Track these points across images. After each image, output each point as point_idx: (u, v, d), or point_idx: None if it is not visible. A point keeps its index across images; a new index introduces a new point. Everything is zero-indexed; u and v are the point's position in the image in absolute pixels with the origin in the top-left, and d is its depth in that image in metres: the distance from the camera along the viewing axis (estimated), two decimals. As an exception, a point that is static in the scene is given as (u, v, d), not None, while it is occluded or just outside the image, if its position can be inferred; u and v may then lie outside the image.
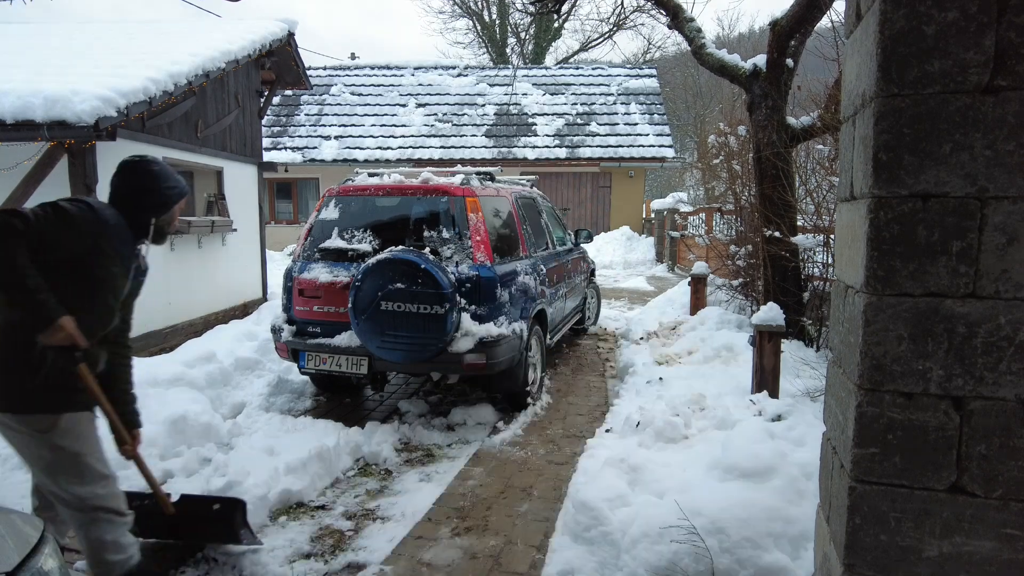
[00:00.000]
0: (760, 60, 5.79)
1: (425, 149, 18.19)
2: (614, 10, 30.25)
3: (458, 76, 21.15)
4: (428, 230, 4.92)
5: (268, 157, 13.70)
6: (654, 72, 21.63)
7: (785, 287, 5.67)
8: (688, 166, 24.88)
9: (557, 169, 18.43)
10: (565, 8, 8.44)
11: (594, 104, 19.72)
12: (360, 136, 18.69)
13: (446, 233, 4.89)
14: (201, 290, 8.11)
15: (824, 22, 5.65)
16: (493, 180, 5.84)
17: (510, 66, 22.99)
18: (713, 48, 6.25)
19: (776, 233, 5.55)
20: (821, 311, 5.59)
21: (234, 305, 8.87)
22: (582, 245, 7.86)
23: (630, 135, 18.54)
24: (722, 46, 6.86)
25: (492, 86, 20.47)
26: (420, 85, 20.73)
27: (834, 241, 4.86)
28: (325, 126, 19.15)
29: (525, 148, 18.18)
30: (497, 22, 29.48)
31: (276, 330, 5.12)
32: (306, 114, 19.66)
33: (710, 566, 2.56)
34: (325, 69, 21.76)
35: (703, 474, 3.09)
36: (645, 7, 10.88)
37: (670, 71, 30.07)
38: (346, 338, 4.80)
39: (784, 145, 5.68)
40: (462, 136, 18.69)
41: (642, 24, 29.58)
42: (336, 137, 18.65)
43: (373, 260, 4.59)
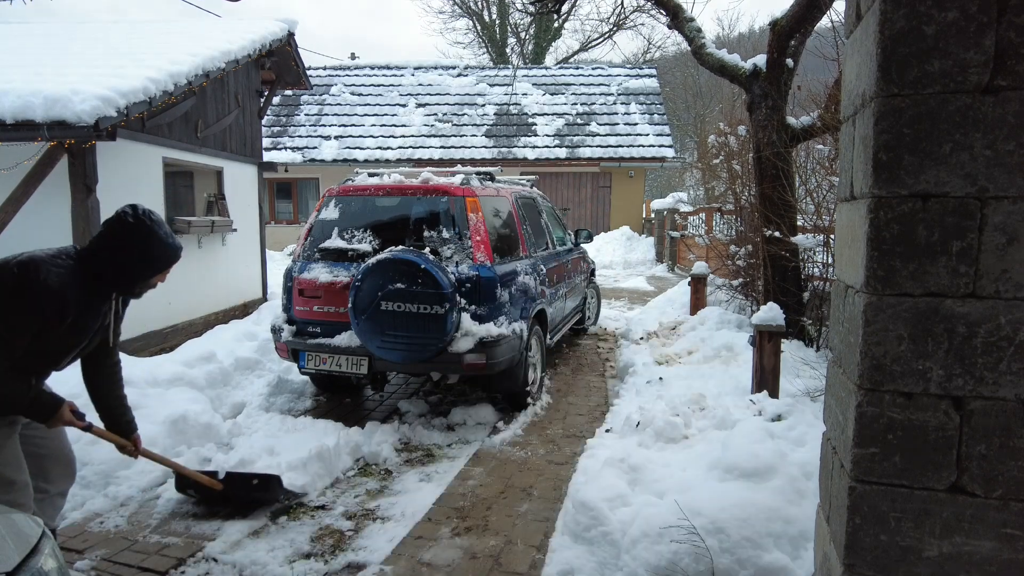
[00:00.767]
0: (760, 60, 5.79)
1: (425, 149, 18.19)
2: (614, 10, 30.30)
3: (458, 76, 21.15)
4: (428, 230, 4.92)
5: (268, 157, 13.71)
6: (654, 72, 21.63)
7: (785, 287, 5.67)
8: (688, 166, 24.88)
9: (557, 169, 18.43)
10: (565, 8, 8.44)
11: (594, 104, 19.72)
12: (360, 136, 18.69)
13: (446, 233, 4.88)
14: (201, 290, 8.11)
15: (824, 22, 5.66)
16: (493, 180, 5.84)
17: (510, 66, 22.99)
18: (713, 48, 6.25)
19: (776, 233, 5.55)
20: (821, 311, 5.59)
21: (234, 305, 8.87)
22: (582, 245, 7.85)
23: (630, 135, 18.53)
24: (722, 46, 6.86)
25: (492, 86, 20.47)
26: (420, 85, 20.73)
27: (834, 241, 4.86)
28: (325, 126, 19.14)
29: (525, 148, 18.18)
30: (497, 22, 29.49)
31: (276, 330, 5.13)
32: (306, 114, 19.66)
33: (710, 566, 2.56)
34: (325, 69, 21.76)
35: (703, 474, 3.09)
36: (645, 7, 10.89)
37: (670, 71, 30.06)
38: (346, 338, 4.80)
39: (784, 145, 5.68)
40: (462, 136, 18.69)
41: (642, 24, 29.68)
42: (336, 137, 18.65)
43: (373, 260, 4.59)
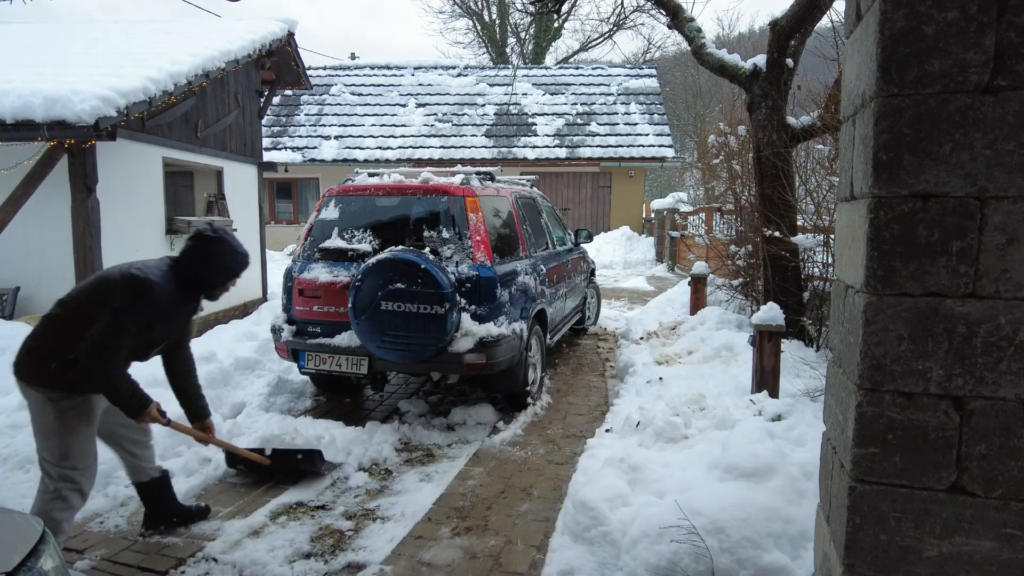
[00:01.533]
0: (760, 60, 5.79)
1: (425, 149, 18.19)
2: (614, 10, 30.31)
3: (458, 76, 21.14)
4: (428, 230, 4.92)
5: (268, 157, 13.72)
6: (654, 72, 21.63)
7: (785, 287, 5.67)
8: (688, 166, 24.88)
9: (557, 169, 18.42)
10: (565, 8, 8.44)
11: (594, 104, 19.72)
12: (360, 136, 18.69)
13: (446, 233, 4.88)
14: (201, 290, 8.09)
15: (824, 22, 5.66)
16: (493, 180, 5.84)
17: (510, 66, 22.99)
18: (713, 48, 6.25)
19: (776, 233, 5.55)
20: (821, 311, 5.59)
21: (234, 305, 8.87)
22: (582, 245, 7.85)
23: (630, 135, 18.53)
24: (722, 46, 6.86)
25: (492, 86, 20.47)
26: (420, 85, 20.73)
27: (834, 241, 4.87)
28: (325, 126, 19.14)
29: (525, 148, 18.17)
30: (497, 22, 29.48)
31: (276, 330, 5.12)
32: (306, 114, 19.66)
33: (710, 566, 2.56)
34: (325, 69, 21.76)
35: (703, 474, 3.09)
36: (645, 7, 10.89)
37: (670, 71, 30.06)
38: (346, 338, 4.80)
39: (784, 145, 5.68)
40: (462, 136, 18.69)
41: (642, 24, 29.69)
42: (336, 137, 18.65)
43: (373, 260, 4.59)
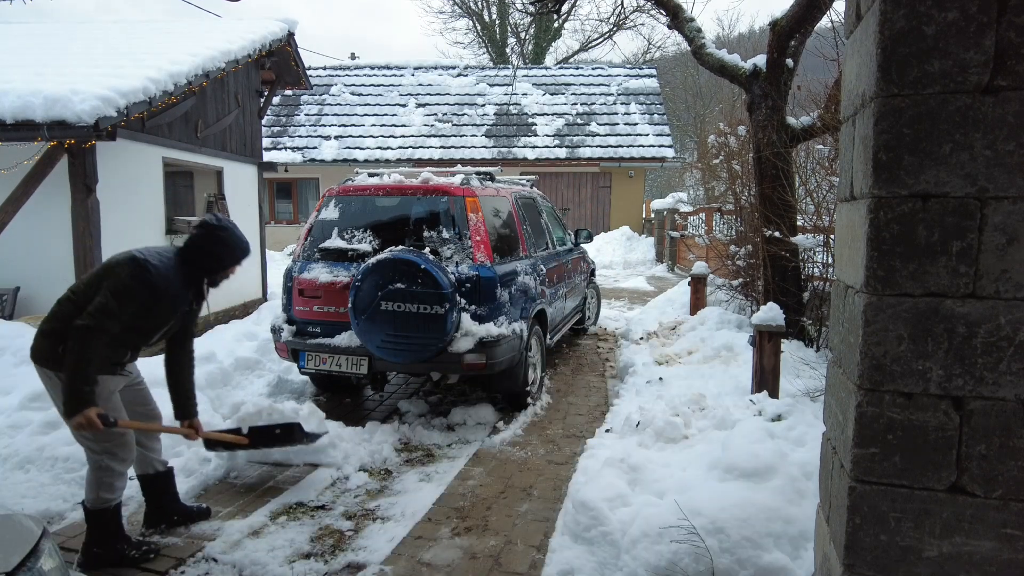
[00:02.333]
0: (760, 60, 5.79)
1: (425, 149, 18.19)
2: (614, 10, 30.24)
3: (458, 76, 21.15)
4: (428, 230, 4.92)
5: (268, 157, 13.72)
6: (654, 72, 21.63)
7: (785, 287, 5.67)
8: (688, 166, 24.83)
9: (557, 169, 18.43)
10: (565, 8, 8.43)
11: (594, 104, 19.72)
12: (360, 136, 18.69)
13: (446, 233, 4.88)
14: (201, 290, 8.10)
15: (824, 22, 5.66)
16: (493, 180, 5.84)
17: (510, 66, 22.99)
18: (713, 48, 6.25)
19: (776, 233, 5.55)
20: (821, 311, 5.59)
21: (234, 305, 8.87)
22: (582, 245, 7.85)
23: (630, 135, 18.53)
24: (722, 46, 6.86)
25: (492, 86, 20.47)
26: (420, 85, 20.73)
27: (834, 241, 4.86)
28: (325, 126, 19.14)
29: (525, 148, 18.17)
30: (497, 22, 29.48)
31: (276, 330, 5.12)
32: (306, 114, 19.66)
33: (710, 566, 2.56)
34: (325, 69, 21.76)
35: (703, 474, 3.09)
36: (645, 7, 10.88)
37: (670, 71, 30.06)
38: (346, 338, 4.80)
39: (784, 145, 5.68)
40: (462, 136, 18.69)
41: (642, 24, 29.68)
42: (336, 137, 18.65)
43: (373, 260, 4.59)
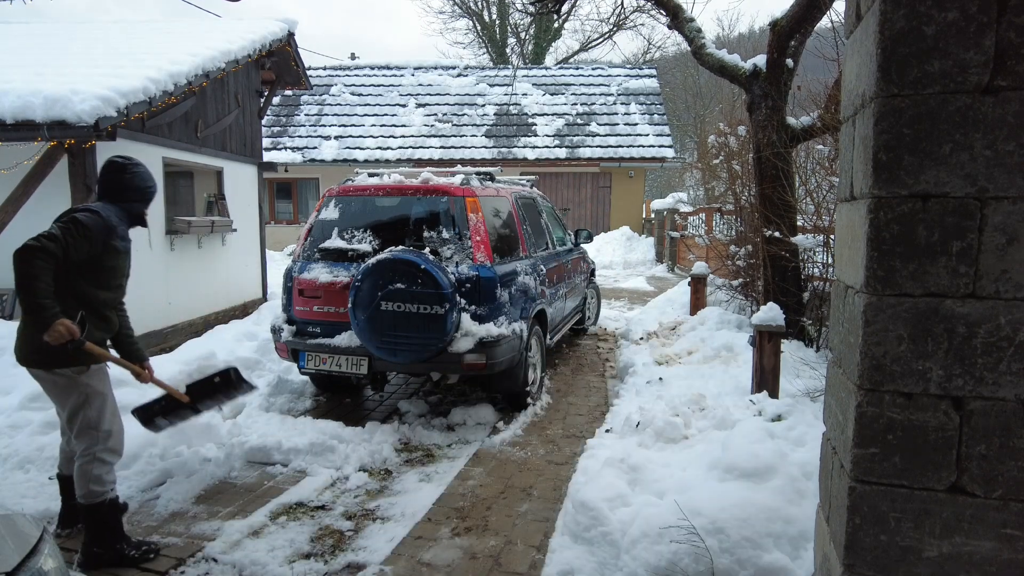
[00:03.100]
0: (760, 60, 5.79)
1: (425, 149, 18.19)
2: (614, 10, 30.26)
3: (458, 76, 21.14)
4: (428, 230, 4.92)
5: (268, 157, 13.71)
6: (654, 72, 21.63)
7: (785, 287, 5.67)
8: (688, 166, 24.85)
9: (557, 169, 18.42)
10: (565, 8, 8.44)
11: (594, 104, 19.72)
12: (360, 136, 18.69)
13: (446, 233, 4.88)
14: (201, 290, 8.11)
15: (824, 22, 5.66)
16: (493, 180, 5.84)
17: (510, 66, 22.99)
18: (713, 48, 6.25)
19: (776, 233, 5.55)
20: (821, 311, 5.59)
21: (234, 305, 8.87)
22: (582, 245, 7.85)
23: (630, 135, 18.53)
24: (722, 46, 6.86)
25: (492, 86, 20.47)
26: (420, 85, 20.73)
27: (834, 241, 4.86)
28: (325, 126, 19.14)
29: (525, 148, 18.17)
30: (497, 22, 29.48)
31: (276, 330, 5.12)
32: (306, 114, 19.66)
33: (710, 566, 2.56)
34: (325, 69, 21.76)
35: (703, 474, 3.09)
36: (645, 7, 10.87)
37: (670, 71, 30.06)
38: (346, 338, 4.80)
39: (784, 145, 5.68)
40: (462, 136, 18.69)
41: (642, 24, 29.68)
42: (336, 137, 18.65)
43: (373, 260, 4.59)
